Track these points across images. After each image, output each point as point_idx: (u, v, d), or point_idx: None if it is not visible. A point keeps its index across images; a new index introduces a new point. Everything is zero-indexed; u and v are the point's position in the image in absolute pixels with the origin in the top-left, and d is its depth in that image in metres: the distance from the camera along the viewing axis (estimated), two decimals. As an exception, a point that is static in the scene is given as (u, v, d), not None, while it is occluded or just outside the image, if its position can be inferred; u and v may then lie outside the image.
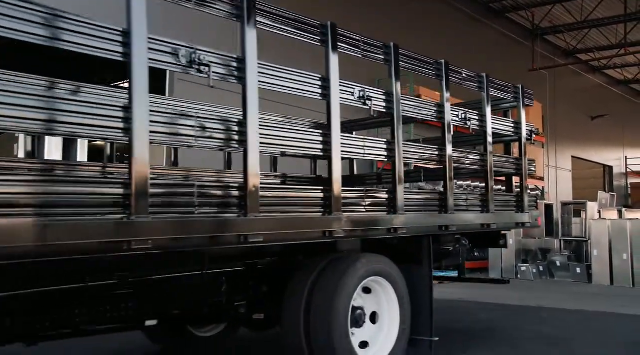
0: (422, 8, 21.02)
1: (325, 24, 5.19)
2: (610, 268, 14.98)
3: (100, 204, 3.77)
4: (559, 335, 8.23)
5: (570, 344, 7.74)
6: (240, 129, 4.51)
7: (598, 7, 24.89)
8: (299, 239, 5.01)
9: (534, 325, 9.02)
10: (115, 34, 3.88)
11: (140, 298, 4.90)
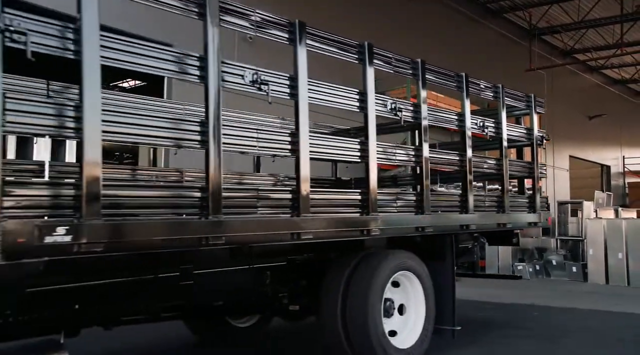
0: (420, 8, 21.60)
1: (363, 43, 6.01)
2: (605, 267, 15.36)
3: (182, 205, 4.59)
4: (549, 332, 8.70)
5: (559, 341, 8.22)
6: (293, 139, 5.33)
7: (595, 7, 25.52)
8: (341, 236, 5.83)
9: (526, 323, 9.45)
10: (194, 59, 4.70)
11: (200, 288, 5.69)
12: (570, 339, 8.33)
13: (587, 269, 15.91)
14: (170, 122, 4.64)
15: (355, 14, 18.49)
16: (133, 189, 4.50)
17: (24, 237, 3.72)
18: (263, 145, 5.16)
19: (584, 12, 26.13)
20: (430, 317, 6.78)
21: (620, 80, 37.84)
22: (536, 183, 8.36)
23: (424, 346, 6.70)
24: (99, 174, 4.06)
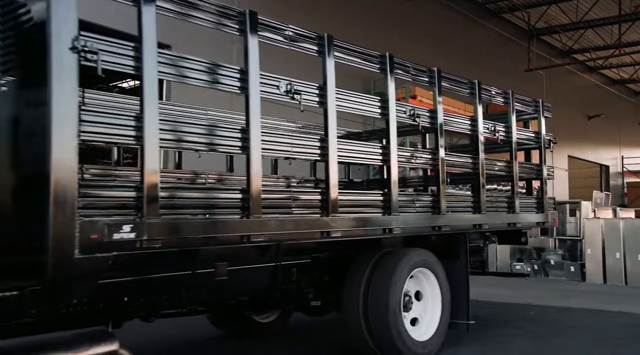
0: (418, 8, 22.16)
1: (384, 54, 6.62)
2: (603, 267, 15.75)
3: (227, 206, 5.19)
4: (543, 331, 9.04)
5: (553, 339, 8.55)
6: (323, 144, 5.94)
7: (593, 7, 26.22)
8: (366, 235, 6.45)
9: (522, 322, 9.76)
10: (236, 72, 5.30)
11: (232, 284, 6.28)
12: (564, 338, 8.67)
13: (585, 269, 16.26)
14: (215, 129, 5.25)
15: (351, 15, 19.04)
16: (186, 190, 5.08)
17: (96, 234, 4.30)
18: (297, 150, 5.76)
19: (582, 13, 26.83)
20: (445, 311, 7.38)
21: (619, 80, 38.55)
22: (544, 185, 8.97)
23: (440, 339, 7.30)
24: (157, 177, 4.65)
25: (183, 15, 5.01)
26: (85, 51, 4.27)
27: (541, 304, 11.75)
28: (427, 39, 21.91)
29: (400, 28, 20.85)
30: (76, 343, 5.01)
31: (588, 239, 16.18)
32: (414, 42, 20.69)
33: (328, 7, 18.21)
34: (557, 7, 26.85)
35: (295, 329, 9.02)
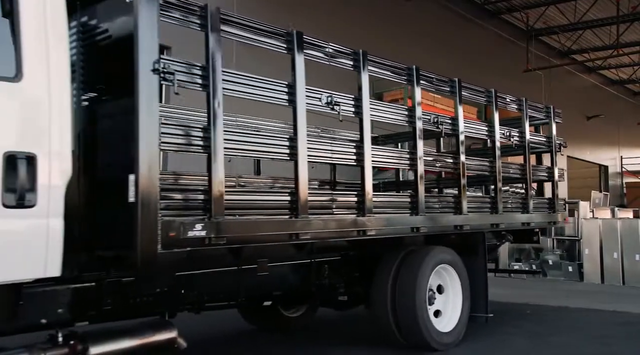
0: (417, 9, 22.52)
1: (411, 67, 7.48)
2: (601, 266, 16.16)
3: (280, 207, 6.04)
4: (538, 330, 9.48)
5: (547, 338, 8.94)
6: (359, 150, 6.79)
7: (591, 8, 26.83)
8: (396, 233, 7.31)
9: (517, 321, 10.12)
10: (285, 87, 6.14)
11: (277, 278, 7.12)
12: (559, 336, 9.06)
13: (582, 269, 16.66)
14: (266, 138, 6.11)
15: (351, 15, 19.55)
16: (245, 194, 5.94)
17: (174, 232, 5.13)
18: (336, 156, 6.63)
19: (581, 13, 27.38)
20: (466, 305, 8.23)
21: (618, 81, 39.28)
22: (555, 186, 9.86)
23: (461, 330, 8.15)
24: (222, 182, 5.49)
25: (242, 37, 5.84)
26: (164, 72, 5.10)
27: (538, 303, 12.13)
28: (426, 39, 22.52)
29: (400, 28, 21.41)
30: (142, 330, 5.85)
31: (586, 239, 16.57)
32: (413, 43, 21.34)
33: (327, 7, 18.79)
34: (556, 7, 27.43)
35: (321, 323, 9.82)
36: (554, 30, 30.09)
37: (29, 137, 4.58)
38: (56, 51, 4.78)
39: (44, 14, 4.74)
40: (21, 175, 4.46)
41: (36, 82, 4.64)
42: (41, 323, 5.15)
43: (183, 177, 7.23)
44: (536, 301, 12.27)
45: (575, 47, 32.41)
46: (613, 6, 26.01)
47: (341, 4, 19.48)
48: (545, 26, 29.62)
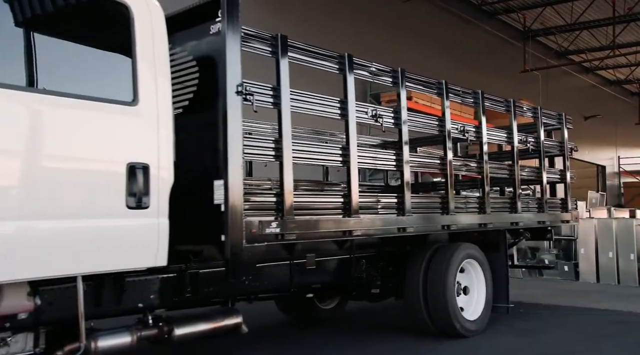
0: (414, 10, 23.38)
1: (441, 81, 8.75)
2: (596, 266, 16.63)
3: (335, 207, 7.28)
4: (529, 328, 10.03)
5: (537, 336, 9.50)
6: (398, 157, 8.05)
7: (587, 9, 28.01)
8: (430, 230, 8.58)
9: (509, 319, 10.39)
10: (339, 102, 7.39)
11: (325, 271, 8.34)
12: (548, 335, 9.59)
13: (578, 268, 17.18)
14: (323, 147, 7.36)
15: (347, 15, 20.51)
16: (309, 196, 7.19)
17: (255, 229, 6.35)
18: (380, 162, 7.90)
19: (577, 14, 28.60)
20: (489, 295, 9.49)
21: (615, 81, 40.61)
22: (568, 188, 11.15)
23: (485, 319, 9.40)
24: (291, 186, 6.72)
25: (303, 61, 7.08)
26: (245, 93, 6.31)
27: (532, 302, 12.50)
28: (424, 40, 23.56)
29: (397, 29, 22.37)
30: (214, 316, 7.07)
31: (582, 239, 16.95)
32: (410, 44, 22.41)
33: (324, 8, 19.67)
34: (552, 8, 28.52)
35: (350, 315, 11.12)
36: (551, 31, 31.26)
37: (144, 150, 5.77)
38: (162, 78, 5.98)
39: (152, 48, 5.94)
40: (139, 182, 5.65)
41: (148, 105, 5.82)
42: (138, 307, 6.34)
43: (260, 182, 8.46)
44: (530, 300, 12.63)
45: (572, 47, 33.62)
46: (609, 7, 27.16)
47: (337, 4, 20.26)
48: (543, 27, 30.78)
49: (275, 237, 6.57)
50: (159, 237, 5.83)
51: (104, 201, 5.51)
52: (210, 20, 6.45)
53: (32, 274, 5.11)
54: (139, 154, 5.71)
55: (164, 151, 5.88)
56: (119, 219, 5.58)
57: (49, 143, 5.22)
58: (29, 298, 5.30)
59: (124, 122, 5.71)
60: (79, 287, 5.42)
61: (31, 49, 5.34)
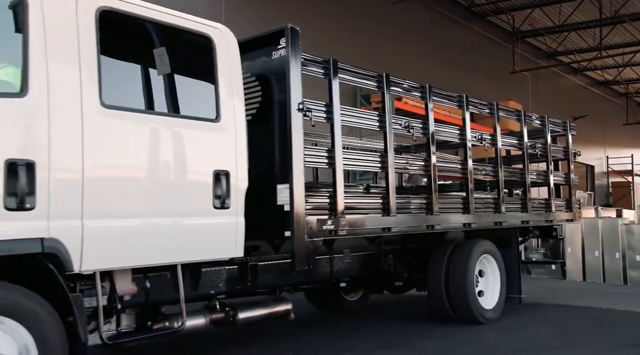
0: (404, 11, 23.91)
1: (462, 95, 10.06)
2: (582, 265, 17.55)
3: (376, 208, 8.58)
4: (508, 325, 10.59)
5: (515, 332, 10.13)
6: (427, 163, 9.36)
7: (575, 11, 28.86)
8: (454, 228, 9.89)
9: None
10: (378, 116, 8.68)
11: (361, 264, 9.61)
12: (528, 331, 10.22)
13: (565, 267, 17.99)
14: (365, 154, 8.67)
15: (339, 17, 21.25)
16: (354, 197, 8.49)
17: (314, 226, 7.62)
18: (412, 167, 9.23)
19: (565, 16, 29.49)
20: (503, 287, 10.82)
21: (604, 82, 41.87)
22: (572, 189, 12.49)
23: (500, 308, 10.75)
24: (342, 189, 8.00)
25: (350, 81, 8.38)
26: (305, 110, 7.58)
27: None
28: (414, 41, 24.47)
29: (387, 30, 23.04)
30: (269, 303, 8.34)
31: (569, 238, 17.50)
32: (400, 44, 23.23)
33: (313, 8, 20.27)
34: (541, 10, 29.37)
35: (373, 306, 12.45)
36: (539, 32, 32.32)
37: (225, 160, 6.99)
38: (237, 97, 7.21)
39: (230, 72, 7.17)
40: (223, 186, 6.88)
41: (228, 121, 7.05)
42: (210, 294, 7.57)
43: (316, 185, 9.74)
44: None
45: (560, 48, 34.66)
46: (596, 9, 28.09)
47: (325, 4, 21.03)
48: (531, 28, 31.79)
49: (329, 233, 7.81)
50: (237, 233, 7.06)
51: (197, 202, 6.76)
52: (273, 46, 7.72)
53: (145, 261, 6.39)
54: (221, 162, 6.93)
55: (240, 160, 7.10)
56: (208, 218, 6.83)
57: (158, 155, 6.50)
58: (132, 283, 6.53)
59: (210, 136, 6.95)
60: (179, 273, 6.68)
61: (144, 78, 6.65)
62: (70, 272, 5.64)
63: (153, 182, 6.43)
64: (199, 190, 6.76)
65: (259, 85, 7.93)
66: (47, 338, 5.34)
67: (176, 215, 6.54)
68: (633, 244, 17.13)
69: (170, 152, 6.61)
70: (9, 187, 5.20)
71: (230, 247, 7.05)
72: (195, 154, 6.79)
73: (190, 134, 6.77)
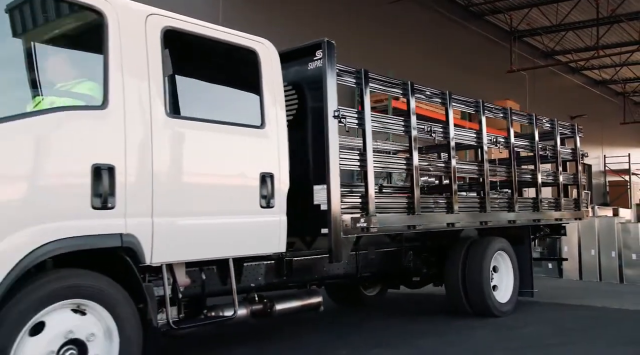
0: (402, 11, 24.30)
1: (478, 101, 10.88)
2: (579, 263, 17.93)
3: (402, 207, 9.38)
4: (506, 323, 10.82)
5: (513, 330, 10.36)
6: (447, 165, 10.16)
7: (572, 11, 29.57)
8: (472, 226, 10.68)
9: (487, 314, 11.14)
10: (402, 121, 9.49)
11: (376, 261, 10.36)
12: (524, 329, 10.47)
13: (562, 266, 18.35)
14: (393, 158, 9.48)
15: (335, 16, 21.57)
16: (383, 198, 9.31)
17: (348, 223, 8.39)
18: (434, 170, 10.03)
19: (562, 16, 30.23)
20: (516, 282, 11.62)
21: (601, 81, 42.72)
22: (580, 188, 13.31)
23: (513, 301, 11.55)
24: (373, 190, 8.79)
25: (378, 89, 9.18)
26: (340, 117, 8.36)
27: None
28: (411, 40, 25.00)
29: (385, 29, 23.59)
30: (302, 295, 9.05)
31: (565, 237, 17.13)
32: (398, 44, 23.76)
33: (312, 8, 20.84)
34: (538, 9, 30.06)
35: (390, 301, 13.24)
36: (537, 31, 33.04)
37: (270, 163, 7.74)
38: (279, 105, 7.94)
39: (272, 82, 7.89)
40: (268, 187, 7.63)
41: (271, 128, 7.80)
42: (250, 286, 8.26)
43: (350, 186, 10.52)
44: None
45: (558, 48, 35.42)
46: (593, 9, 28.81)
47: (325, 4, 21.53)
48: (529, 28, 32.47)
49: (362, 230, 8.58)
50: (281, 230, 7.81)
51: (247, 202, 7.51)
52: (309, 57, 8.51)
53: (202, 255, 7.17)
54: (267, 165, 7.66)
55: (282, 163, 7.84)
56: (255, 216, 7.58)
57: (213, 159, 7.24)
58: (186, 276, 7.30)
59: (256, 142, 7.70)
60: (230, 267, 7.43)
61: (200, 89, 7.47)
62: (143, 264, 6.42)
63: (209, 183, 7.18)
64: (248, 191, 7.50)
65: (295, 93, 8.66)
66: (126, 322, 6.13)
67: (229, 214, 7.29)
68: (629, 242, 17.47)
69: (224, 156, 7.34)
70: (95, 189, 5.97)
71: (274, 243, 7.80)
72: (244, 158, 7.53)
73: (239, 139, 7.52)
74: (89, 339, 5.88)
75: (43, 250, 5.60)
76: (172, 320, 6.80)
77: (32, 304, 5.51)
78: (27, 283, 5.54)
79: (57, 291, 5.69)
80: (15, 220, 5.47)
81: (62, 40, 6.71)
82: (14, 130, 5.61)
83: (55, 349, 5.65)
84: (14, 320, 5.39)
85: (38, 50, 6.46)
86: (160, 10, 6.93)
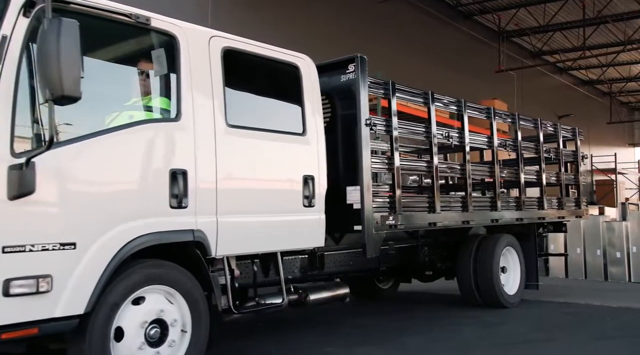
0: (391, 10, 24.99)
1: (490, 108, 11.84)
2: (565, 261, 18.59)
3: (422, 206, 10.34)
4: (492, 319, 11.23)
5: (496, 326, 10.73)
6: (462, 167, 11.13)
7: (559, 12, 30.55)
8: (485, 223, 11.63)
9: (474, 312, 11.85)
10: (424, 128, 10.45)
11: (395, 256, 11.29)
12: (509, 325, 10.80)
13: (548, 264, 18.96)
14: (416, 160, 10.45)
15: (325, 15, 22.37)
16: (408, 197, 10.25)
17: (379, 221, 9.29)
18: (452, 172, 11.01)
19: (550, 16, 31.19)
20: (523, 276, 12.59)
21: (588, 81, 43.89)
22: (580, 188, 14.32)
23: (520, 294, 12.51)
24: (400, 190, 9.73)
25: (403, 99, 10.13)
26: (370, 124, 9.28)
27: None
28: (400, 39, 25.68)
29: (374, 29, 24.16)
30: (331, 287, 9.82)
31: (552, 236, 18.21)
32: (387, 43, 24.24)
33: (301, 7, 21.39)
34: (526, 10, 31.02)
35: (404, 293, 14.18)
36: (525, 32, 34.04)
37: (311, 166, 8.58)
38: (318, 114, 8.76)
39: (312, 93, 8.72)
40: (310, 188, 8.48)
41: (312, 134, 8.62)
42: (288, 278, 8.96)
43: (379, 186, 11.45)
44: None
45: (545, 48, 36.54)
46: (580, 10, 29.81)
47: (314, 3, 22.02)
48: (517, 28, 33.49)
49: (390, 227, 9.49)
50: (320, 227, 8.66)
51: (292, 202, 8.35)
52: (341, 70, 9.44)
53: (257, 249, 8.11)
54: (308, 168, 8.49)
55: (322, 166, 8.65)
56: (299, 215, 8.42)
57: (265, 163, 8.09)
58: (237, 268, 8.18)
59: (299, 147, 8.54)
60: (278, 260, 8.29)
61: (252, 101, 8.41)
62: (209, 256, 7.29)
63: (261, 185, 8.03)
64: (293, 192, 8.35)
65: (329, 103, 9.57)
66: (197, 307, 7.01)
67: (278, 212, 8.14)
68: (613, 241, 18.06)
69: (272, 161, 8.17)
70: (172, 190, 6.87)
71: (314, 239, 8.68)
72: (289, 162, 8.38)
73: (285, 146, 8.36)
74: (172, 324, 6.78)
75: (136, 243, 6.51)
76: (232, 306, 7.65)
77: (137, 279, 6.54)
78: (127, 267, 6.51)
79: (153, 274, 6.69)
80: (115, 218, 6.39)
81: (137, 60, 7.54)
82: (111, 142, 6.51)
83: (149, 320, 6.58)
84: (123, 288, 6.40)
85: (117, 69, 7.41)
86: (219, 32, 7.80)
